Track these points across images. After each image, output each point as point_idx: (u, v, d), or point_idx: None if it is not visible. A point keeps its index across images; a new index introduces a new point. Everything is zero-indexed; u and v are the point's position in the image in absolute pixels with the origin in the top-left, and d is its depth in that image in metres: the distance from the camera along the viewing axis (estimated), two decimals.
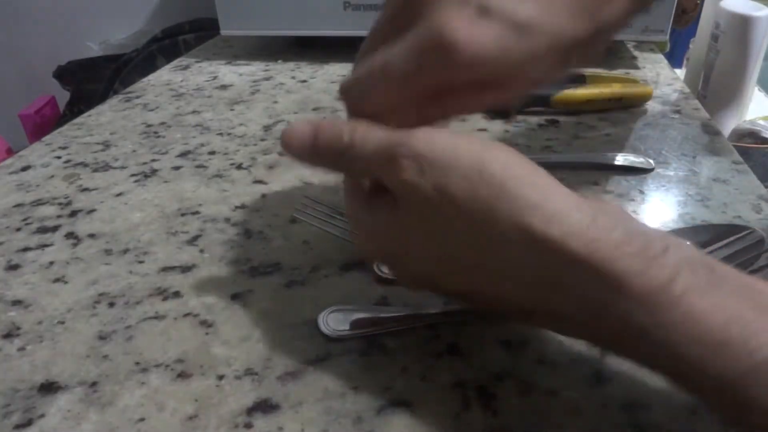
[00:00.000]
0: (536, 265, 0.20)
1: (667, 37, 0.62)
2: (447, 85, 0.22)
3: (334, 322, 0.28)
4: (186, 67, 0.71)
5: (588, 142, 0.48)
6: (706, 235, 0.31)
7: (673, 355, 0.18)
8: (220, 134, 0.51)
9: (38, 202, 0.41)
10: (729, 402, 0.18)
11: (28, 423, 0.24)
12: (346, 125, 0.23)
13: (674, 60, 0.88)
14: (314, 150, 0.24)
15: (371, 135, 0.22)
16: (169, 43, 1.10)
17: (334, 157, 0.24)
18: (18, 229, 0.38)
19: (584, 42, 0.22)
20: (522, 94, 0.24)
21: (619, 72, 0.63)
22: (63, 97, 1.23)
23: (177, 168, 0.45)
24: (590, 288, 0.19)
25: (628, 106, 0.54)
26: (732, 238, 0.31)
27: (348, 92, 0.25)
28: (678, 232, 0.33)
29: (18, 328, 0.29)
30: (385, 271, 0.31)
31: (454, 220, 0.21)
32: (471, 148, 0.21)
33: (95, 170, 0.45)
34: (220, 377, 0.26)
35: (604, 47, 0.25)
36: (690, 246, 0.19)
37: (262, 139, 0.50)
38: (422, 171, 0.21)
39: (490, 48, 0.20)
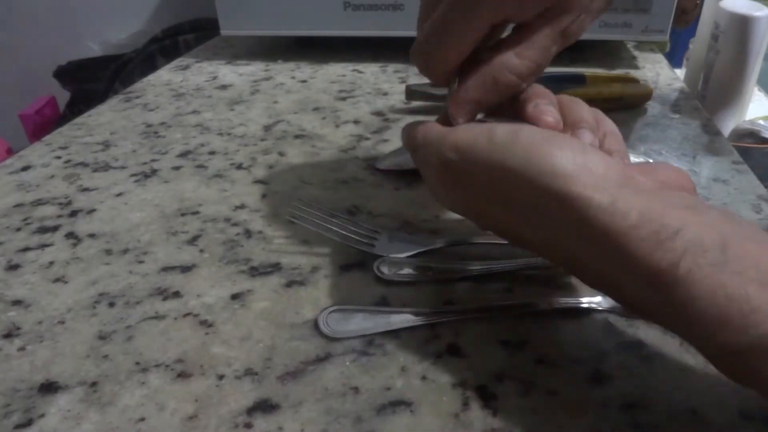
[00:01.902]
0: (566, 230, 0.22)
1: (667, 37, 0.62)
2: (501, 17, 0.25)
3: (334, 322, 0.28)
4: (186, 67, 0.71)
5: None
6: None
7: (678, 329, 0.20)
8: (220, 134, 0.51)
9: (38, 202, 0.41)
10: (734, 370, 0.19)
11: (28, 423, 0.24)
12: (424, 127, 0.27)
13: (674, 60, 0.88)
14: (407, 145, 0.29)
15: (430, 140, 0.26)
16: (169, 43, 1.10)
17: (416, 153, 0.28)
18: (18, 229, 0.38)
19: None
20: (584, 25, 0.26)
21: (619, 72, 0.63)
22: (63, 97, 1.23)
23: (177, 168, 0.45)
24: (605, 265, 0.21)
25: (628, 106, 0.54)
26: None
27: (415, 55, 0.28)
28: None
29: (18, 328, 0.29)
30: (384, 271, 0.31)
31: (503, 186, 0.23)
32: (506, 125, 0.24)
33: (95, 170, 0.45)
34: (220, 377, 0.26)
35: None
36: (711, 222, 0.20)
37: (262, 139, 0.50)
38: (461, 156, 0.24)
39: None
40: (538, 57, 0.26)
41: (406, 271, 0.32)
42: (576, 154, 0.22)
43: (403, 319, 0.28)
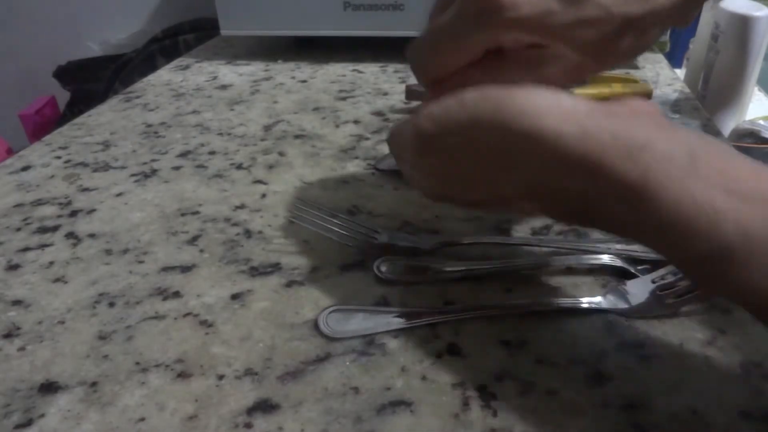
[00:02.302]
0: (540, 167, 0.22)
1: (667, 37, 0.62)
2: (495, 44, 0.25)
3: (334, 322, 0.28)
4: (186, 67, 0.71)
5: None
6: None
7: (650, 240, 0.21)
8: (220, 134, 0.51)
9: (38, 202, 0.41)
10: (705, 277, 0.20)
11: (28, 423, 0.24)
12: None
13: (674, 60, 0.87)
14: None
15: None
16: (169, 43, 1.10)
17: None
18: (18, 229, 0.38)
19: (635, 24, 0.24)
20: (570, 78, 0.27)
21: (619, 72, 0.63)
22: (63, 97, 1.23)
23: (177, 168, 0.45)
24: (584, 189, 0.21)
25: None
26: None
27: (411, 55, 0.28)
28: None
29: (18, 328, 0.29)
30: (384, 271, 0.31)
31: (472, 145, 0.24)
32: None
33: (95, 170, 0.45)
34: (220, 377, 0.26)
35: (653, 39, 0.26)
36: (680, 137, 0.20)
37: (262, 139, 0.50)
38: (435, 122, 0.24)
39: (537, 6, 0.23)
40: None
41: (406, 271, 0.32)
42: (542, 94, 0.22)
43: (403, 319, 0.28)
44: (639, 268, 0.31)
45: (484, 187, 0.25)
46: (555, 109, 0.22)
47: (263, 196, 0.41)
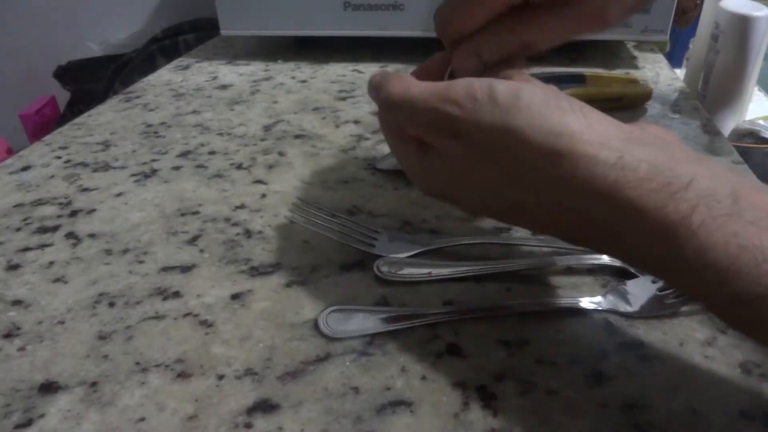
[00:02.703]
0: (564, 192, 0.21)
1: (667, 37, 0.62)
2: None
3: (334, 322, 0.28)
4: (186, 67, 0.71)
5: None
6: None
7: (689, 280, 0.20)
8: (220, 134, 0.51)
9: (38, 202, 0.41)
10: (741, 320, 0.19)
11: (28, 423, 0.24)
12: (391, 78, 0.26)
13: (674, 60, 0.87)
14: (374, 97, 0.28)
15: (412, 92, 0.25)
16: (169, 43, 1.10)
17: (383, 109, 0.27)
18: (18, 229, 0.38)
19: None
20: (597, 27, 0.26)
21: (619, 72, 0.63)
22: (63, 97, 1.23)
23: (177, 168, 0.45)
24: (614, 221, 0.20)
25: (628, 106, 0.54)
26: None
27: (438, 14, 0.28)
28: None
29: (18, 328, 0.29)
30: (384, 271, 0.31)
31: (492, 155, 0.23)
32: (507, 86, 0.23)
33: (95, 170, 0.45)
34: (220, 377, 0.26)
35: None
36: (720, 174, 0.20)
37: (262, 139, 0.50)
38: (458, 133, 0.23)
39: None
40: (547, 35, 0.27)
41: (406, 271, 0.32)
42: (577, 114, 0.22)
43: (404, 319, 0.28)
44: None
45: (494, 195, 0.25)
46: (590, 131, 0.21)
47: (263, 196, 0.41)
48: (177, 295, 0.31)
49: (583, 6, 0.26)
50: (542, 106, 0.22)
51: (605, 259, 0.32)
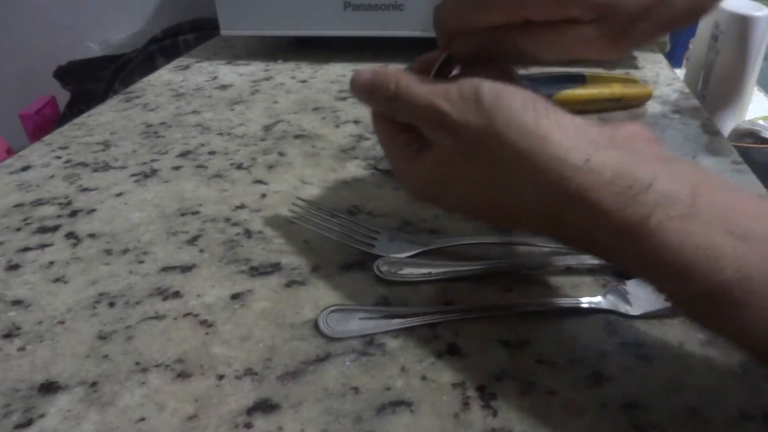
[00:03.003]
0: (539, 192, 0.23)
1: (667, 37, 0.62)
2: (521, 13, 0.25)
3: (334, 322, 0.28)
4: (186, 67, 0.71)
5: None
6: None
7: (648, 277, 0.21)
8: (220, 134, 0.51)
9: (38, 202, 0.41)
10: (702, 316, 0.20)
11: (28, 423, 0.24)
12: (395, 75, 0.27)
13: (674, 60, 0.87)
14: (368, 94, 0.29)
15: (414, 88, 0.26)
16: (169, 43, 1.10)
17: (383, 102, 0.28)
18: (18, 229, 0.38)
19: (644, 11, 0.24)
20: (606, 54, 0.26)
21: (619, 72, 0.63)
22: (63, 97, 1.23)
23: (177, 168, 0.45)
24: (584, 222, 0.22)
25: (628, 106, 0.54)
26: None
27: (439, 9, 0.28)
28: None
29: (18, 328, 0.29)
30: (384, 271, 0.31)
31: (473, 154, 0.24)
32: (491, 87, 0.24)
33: (95, 170, 0.45)
34: (220, 377, 0.26)
35: (662, 32, 0.26)
36: (682, 174, 0.21)
37: (262, 139, 0.50)
38: (453, 131, 0.24)
39: None
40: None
41: (406, 271, 0.32)
42: (551, 116, 0.23)
43: (403, 319, 0.28)
44: None
45: (479, 196, 0.26)
46: (561, 133, 0.22)
47: (263, 196, 0.41)
48: (177, 295, 0.31)
49: (588, 29, 0.26)
50: (520, 108, 0.23)
51: None
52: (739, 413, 0.23)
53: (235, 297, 0.31)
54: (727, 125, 0.77)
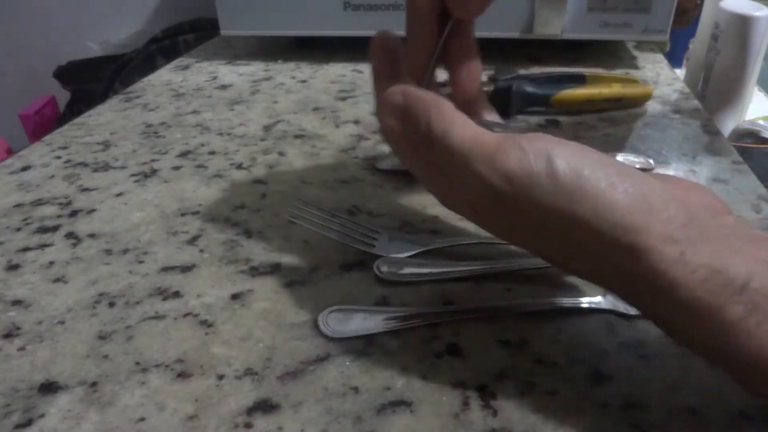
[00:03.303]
0: (620, 276, 0.22)
1: (667, 37, 0.62)
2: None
3: (334, 322, 0.28)
4: (186, 67, 0.71)
5: (588, 142, 0.47)
6: None
7: (752, 375, 0.20)
8: (220, 134, 0.51)
9: (38, 202, 0.41)
10: None
11: (28, 423, 0.24)
12: (427, 107, 0.24)
13: (674, 60, 0.88)
14: (398, 121, 0.25)
15: (455, 139, 0.23)
16: (169, 43, 1.10)
17: (413, 138, 0.24)
18: (18, 229, 0.38)
19: None
20: None
21: (619, 72, 0.63)
22: (63, 97, 1.23)
23: (177, 168, 0.45)
24: (674, 315, 0.21)
25: (628, 106, 0.54)
26: None
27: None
28: None
29: (18, 328, 0.29)
30: (384, 271, 0.31)
31: (534, 217, 0.22)
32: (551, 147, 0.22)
33: (95, 170, 0.45)
34: (220, 377, 0.26)
35: None
36: None
37: (262, 139, 0.50)
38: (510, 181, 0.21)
39: None
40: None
41: (406, 270, 0.32)
42: (641, 199, 0.21)
43: (404, 319, 0.28)
44: None
45: (549, 254, 0.24)
46: (653, 221, 0.20)
47: (263, 196, 0.41)
48: (177, 295, 0.31)
49: None
50: (608, 191, 0.21)
51: None
52: (739, 413, 0.23)
53: (235, 297, 0.31)
54: (727, 125, 0.77)
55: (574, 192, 0.21)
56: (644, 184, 0.21)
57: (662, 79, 0.62)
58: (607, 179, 0.21)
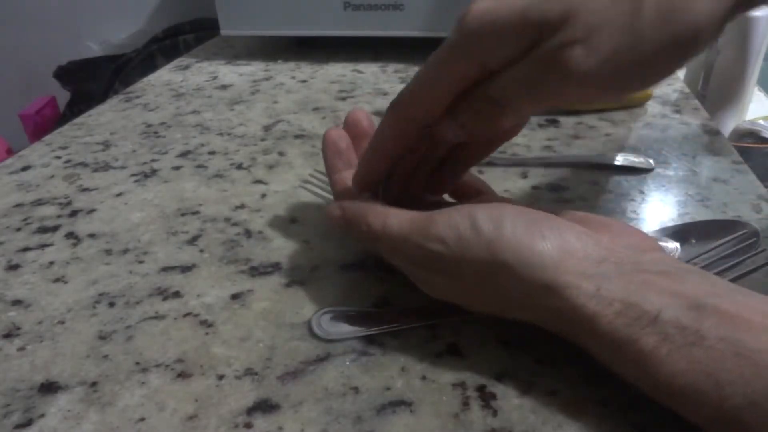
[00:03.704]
0: (549, 314, 0.24)
1: None
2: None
3: (332, 323, 0.28)
4: (186, 67, 0.71)
5: (588, 142, 0.48)
6: (700, 232, 0.32)
7: (661, 400, 0.21)
8: (220, 134, 0.51)
9: (38, 202, 0.41)
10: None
11: (28, 423, 0.24)
12: (365, 213, 0.27)
13: None
14: (344, 230, 0.29)
15: (393, 229, 0.26)
16: (169, 43, 1.10)
17: (363, 240, 0.29)
18: (18, 229, 0.38)
19: None
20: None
21: None
22: (63, 97, 1.23)
23: (177, 168, 0.45)
24: (597, 348, 0.23)
25: (628, 106, 0.54)
26: (725, 239, 0.31)
27: (397, 100, 0.27)
28: (672, 229, 0.33)
29: (18, 328, 0.29)
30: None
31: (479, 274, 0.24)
32: (487, 212, 0.24)
33: (95, 170, 0.45)
34: (220, 377, 0.26)
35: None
36: (684, 293, 0.21)
37: (262, 139, 0.50)
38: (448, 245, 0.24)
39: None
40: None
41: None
42: (557, 240, 0.23)
43: (403, 319, 0.28)
44: None
45: (491, 306, 0.26)
46: (569, 259, 0.23)
47: (263, 196, 0.41)
48: (177, 295, 0.31)
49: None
50: (525, 236, 0.23)
51: None
52: None
53: (235, 297, 0.31)
54: (728, 125, 0.77)
55: (494, 241, 0.23)
56: (564, 230, 0.24)
57: None
58: (526, 227, 0.23)
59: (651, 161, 0.43)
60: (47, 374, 0.26)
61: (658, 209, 0.38)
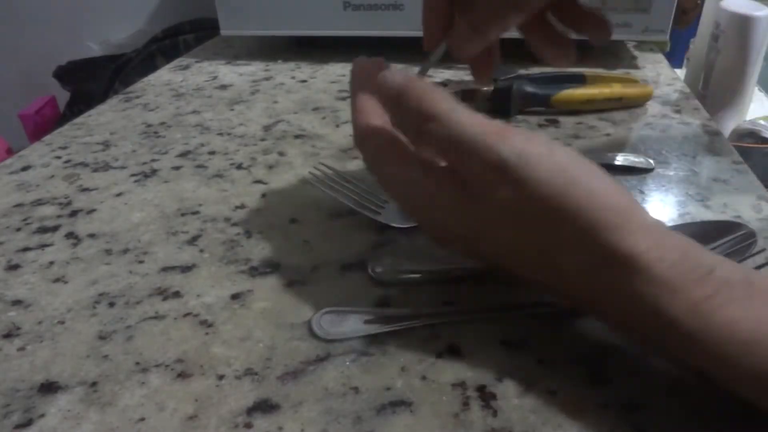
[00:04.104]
0: (598, 270, 0.23)
1: (668, 37, 0.62)
2: None
3: (331, 323, 0.28)
4: (186, 67, 0.71)
5: (588, 142, 0.48)
6: (698, 233, 0.32)
7: (711, 354, 0.21)
8: (220, 134, 0.51)
9: (38, 202, 0.41)
10: (762, 392, 0.21)
11: (28, 423, 0.24)
12: (433, 92, 0.24)
13: (674, 60, 0.87)
14: (394, 103, 0.26)
15: (461, 110, 0.24)
16: (169, 43, 1.10)
17: (413, 121, 0.25)
18: (18, 229, 0.38)
19: None
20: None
21: (619, 72, 0.63)
22: (63, 97, 1.23)
23: (177, 168, 0.45)
24: (648, 294, 0.22)
25: (628, 106, 0.54)
26: (723, 240, 0.31)
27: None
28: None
29: (18, 328, 0.29)
30: (378, 271, 0.31)
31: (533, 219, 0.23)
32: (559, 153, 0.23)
33: (95, 170, 0.45)
34: (220, 377, 0.26)
35: None
36: (733, 265, 0.22)
37: (262, 139, 0.50)
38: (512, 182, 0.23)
39: None
40: None
41: (406, 267, 0.32)
42: (622, 189, 0.23)
43: (403, 319, 0.28)
44: None
45: (516, 254, 0.25)
46: (635, 209, 0.23)
47: (263, 196, 0.41)
48: (177, 295, 0.31)
49: None
50: (598, 178, 0.23)
51: None
52: (740, 413, 0.23)
53: (235, 297, 0.31)
54: (728, 125, 0.77)
55: (571, 171, 0.22)
56: (624, 190, 0.24)
57: (662, 79, 0.62)
58: (596, 170, 0.23)
59: (651, 161, 0.43)
60: (47, 374, 0.26)
61: (658, 209, 0.38)
